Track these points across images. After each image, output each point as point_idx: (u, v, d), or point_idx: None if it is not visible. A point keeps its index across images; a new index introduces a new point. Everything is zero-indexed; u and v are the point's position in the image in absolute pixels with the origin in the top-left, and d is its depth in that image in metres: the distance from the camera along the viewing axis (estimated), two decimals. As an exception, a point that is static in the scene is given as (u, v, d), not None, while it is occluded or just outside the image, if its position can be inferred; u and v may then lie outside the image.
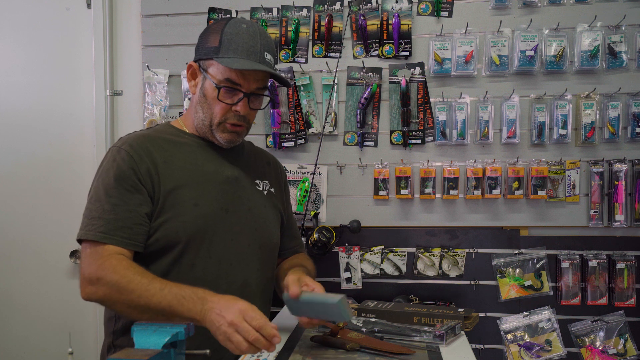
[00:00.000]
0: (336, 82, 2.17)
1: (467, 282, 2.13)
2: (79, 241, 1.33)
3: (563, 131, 2.08)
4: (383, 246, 2.17)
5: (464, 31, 2.11)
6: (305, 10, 2.21)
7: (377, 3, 2.16)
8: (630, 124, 2.07)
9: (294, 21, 2.20)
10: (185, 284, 1.23)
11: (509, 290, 2.10)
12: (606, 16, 2.07)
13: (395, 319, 1.61)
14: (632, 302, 2.05)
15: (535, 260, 2.10)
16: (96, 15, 2.31)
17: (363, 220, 2.16)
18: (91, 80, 2.33)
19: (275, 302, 1.58)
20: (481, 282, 2.13)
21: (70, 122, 2.36)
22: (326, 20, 2.17)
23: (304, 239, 2.02)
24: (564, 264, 2.08)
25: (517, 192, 2.09)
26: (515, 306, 2.10)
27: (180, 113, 2.25)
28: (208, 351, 0.96)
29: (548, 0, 2.10)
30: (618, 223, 2.06)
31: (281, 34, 2.22)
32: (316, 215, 2.16)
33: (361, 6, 2.17)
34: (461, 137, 2.12)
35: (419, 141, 2.16)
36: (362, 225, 2.14)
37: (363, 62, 2.18)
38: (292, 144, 2.21)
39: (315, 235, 2.08)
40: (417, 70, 2.15)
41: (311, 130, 2.21)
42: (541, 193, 2.07)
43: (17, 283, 2.37)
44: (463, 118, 2.11)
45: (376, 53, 2.17)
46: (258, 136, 2.19)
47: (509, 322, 2.09)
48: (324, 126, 2.16)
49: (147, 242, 1.34)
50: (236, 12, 2.24)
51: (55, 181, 2.36)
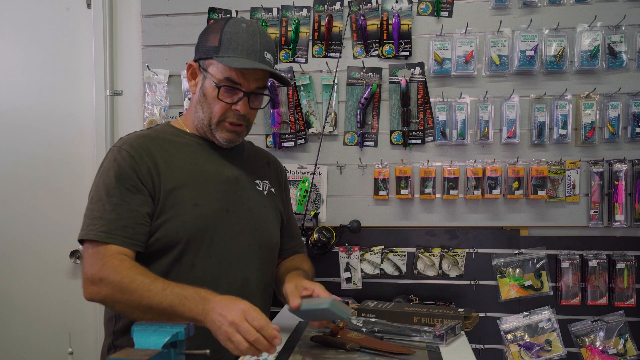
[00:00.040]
0: (336, 82, 2.17)
1: (467, 282, 2.13)
2: (81, 241, 1.33)
3: (563, 131, 2.08)
4: (383, 246, 2.17)
5: (464, 31, 2.11)
6: (305, 10, 2.21)
7: (377, 3, 2.16)
8: (630, 124, 2.07)
9: (294, 21, 2.20)
10: (185, 284, 1.23)
11: (509, 290, 2.10)
12: (606, 16, 2.07)
13: (395, 319, 1.61)
14: (632, 302, 2.05)
15: (535, 260, 2.10)
16: (96, 15, 2.31)
17: (363, 220, 2.16)
18: (91, 80, 2.33)
19: (275, 302, 1.58)
20: (481, 282, 2.13)
21: (70, 122, 2.36)
22: (326, 20, 2.17)
23: (304, 239, 2.01)
24: (564, 264, 2.08)
25: (517, 192, 2.08)
26: (515, 306, 2.10)
27: (180, 113, 2.25)
28: (208, 351, 0.96)
29: (548, 0, 2.10)
30: (618, 223, 2.06)
31: (281, 34, 2.22)
32: (316, 215, 2.16)
33: (361, 6, 2.17)
34: (461, 137, 2.12)
35: (419, 141, 2.16)
36: (362, 225, 2.14)
37: (363, 62, 2.18)
38: (292, 144, 2.21)
39: (315, 235, 2.08)
40: (417, 70, 2.15)
41: (311, 130, 2.21)
42: (541, 193, 2.07)
43: (17, 283, 2.37)
44: (463, 118, 2.11)
45: (376, 53, 2.17)
46: (258, 136, 2.19)
47: (509, 322, 2.09)
48: (324, 126, 2.16)
49: (148, 242, 1.34)
50: (236, 12, 2.24)
51: (55, 181, 2.36)
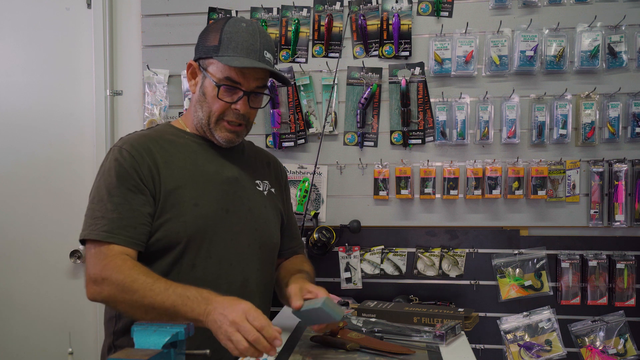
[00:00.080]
0: (336, 82, 2.17)
1: (467, 282, 2.13)
2: (82, 242, 1.32)
3: (563, 131, 2.08)
4: (383, 246, 2.17)
5: (464, 31, 2.11)
6: (305, 10, 2.21)
7: (377, 3, 2.16)
8: (630, 124, 2.07)
9: (294, 21, 2.19)
10: (185, 284, 1.23)
11: (509, 290, 2.10)
12: (606, 16, 2.07)
13: (395, 319, 1.61)
14: (632, 302, 2.05)
15: (535, 260, 2.10)
16: (96, 15, 2.31)
17: (363, 220, 2.16)
18: (91, 80, 2.33)
19: (275, 302, 1.58)
20: (481, 282, 2.13)
21: (70, 122, 2.36)
22: (326, 20, 2.17)
23: (304, 239, 2.02)
24: (564, 264, 2.08)
25: (517, 192, 2.08)
26: (515, 306, 2.11)
27: (180, 113, 2.25)
28: (208, 351, 0.96)
29: (548, 0, 2.10)
30: (618, 223, 2.06)
31: (281, 34, 2.22)
32: (316, 215, 2.16)
33: (361, 6, 2.17)
34: (461, 137, 2.12)
35: (419, 141, 2.16)
36: (362, 225, 2.14)
37: (363, 62, 2.17)
38: (292, 144, 2.21)
39: (315, 235, 2.08)
40: (417, 70, 2.15)
41: (311, 130, 2.21)
42: (541, 193, 2.07)
43: (17, 283, 2.37)
44: (463, 118, 2.11)
45: (376, 53, 2.17)
46: (258, 136, 2.19)
47: (509, 322, 2.09)
48: (324, 126, 2.16)
49: (148, 242, 1.34)
50: (236, 12, 2.24)
51: (55, 181, 2.36)
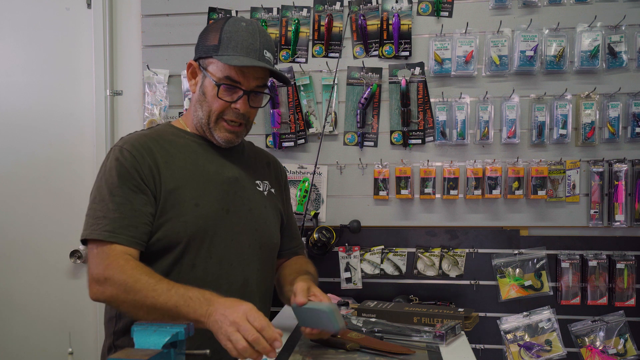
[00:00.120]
0: (336, 82, 2.17)
1: (467, 282, 2.13)
2: (84, 241, 1.32)
3: (563, 131, 2.08)
4: (383, 246, 2.17)
5: (464, 31, 2.11)
6: (305, 10, 2.21)
7: (377, 3, 2.16)
8: (630, 124, 2.07)
9: (294, 21, 2.19)
10: (186, 284, 1.23)
11: (509, 290, 2.10)
12: (606, 16, 2.07)
13: (395, 319, 1.61)
14: (632, 302, 2.05)
15: (535, 260, 2.10)
16: (96, 15, 2.31)
17: (363, 220, 2.16)
18: (91, 80, 2.33)
19: (275, 302, 1.58)
20: (481, 282, 2.13)
21: (70, 122, 2.36)
22: (326, 20, 2.17)
23: (304, 239, 2.02)
24: (564, 264, 2.08)
25: (517, 192, 2.08)
26: (515, 306, 2.11)
27: (180, 113, 2.25)
28: (208, 351, 0.96)
29: (548, 0, 2.10)
30: (618, 223, 2.06)
31: (281, 34, 2.22)
32: (316, 215, 2.16)
33: (361, 6, 2.17)
34: (461, 137, 2.12)
35: (419, 141, 2.16)
36: (362, 225, 2.15)
37: (363, 62, 2.18)
38: (292, 144, 2.21)
39: (315, 235, 2.08)
40: (417, 70, 2.15)
41: (311, 130, 2.21)
42: (541, 193, 2.07)
43: (17, 283, 2.37)
44: (463, 118, 2.11)
45: (376, 53, 2.17)
46: (258, 136, 2.19)
47: (509, 322, 2.09)
48: (324, 126, 2.16)
49: (149, 242, 1.34)
50: (236, 12, 2.24)
51: (55, 181, 2.36)
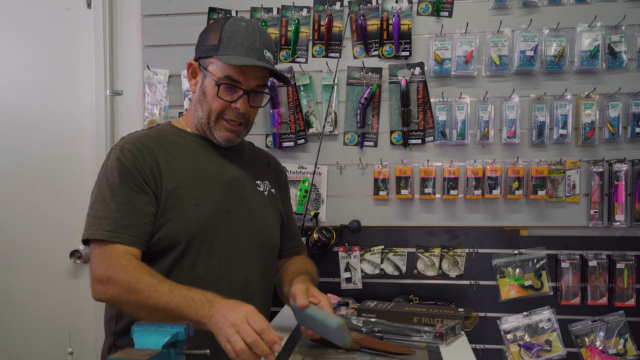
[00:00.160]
0: (336, 82, 2.17)
1: (467, 282, 2.13)
2: (85, 242, 1.32)
3: (563, 131, 2.08)
4: (383, 246, 2.17)
5: (464, 31, 2.11)
6: (305, 10, 2.21)
7: (377, 3, 2.16)
8: (630, 124, 2.07)
9: (294, 21, 2.19)
10: (186, 284, 1.23)
11: (509, 290, 2.10)
12: (606, 16, 2.07)
13: (395, 319, 1.61)
14: (632, 302, 2.05)
15: (535, 260, 2.10)
16: (96, 15, 2.31)
17: (363, 220, 2.16)
18: (91, 80, 2.33)
19: (275, 303, 1.58)
20: (481, 282, 2.13)
21: (70, 122, 2.36)
22: (326, 20, 2.17)
23: (304, 239, 2.02)
24: (564, 264, 2.08)
25: (517, 192, 2.08)
26: (515, 306, 2.11)
27: (180, 113, 2.25)
28: (208, 351, 0.96)
29: (548, 0, 2.10)
30: (618, 223, 2.06)
31: (281, 34, 2.22)
32: (316, 215, 2.16)
33: (361, 6, 2.17)
34: (461, 137, 2.12)
35: (419, 141, 2.16)
36: (362, 225, 2.15)
37: (363, 62, 2.18)
38: (292, 144, 2.21)
39: (315, 235, 2.08)
40: (417, 70, 2.15)
41: (311, 130, 2.21)
42: (541, 193, 2.07)
43: (17, 283, 2.37)
44: (463, 118, 2.11)
45: (376, 53, 2.17)
46: (258, 136, 2.19)
47: (509, 322, 2.09)
48: (324, 126, 2.16)
49: (150, 242, 1.34)
50: (236, 12, 2.24)
51: (55, 181, 2.36)
